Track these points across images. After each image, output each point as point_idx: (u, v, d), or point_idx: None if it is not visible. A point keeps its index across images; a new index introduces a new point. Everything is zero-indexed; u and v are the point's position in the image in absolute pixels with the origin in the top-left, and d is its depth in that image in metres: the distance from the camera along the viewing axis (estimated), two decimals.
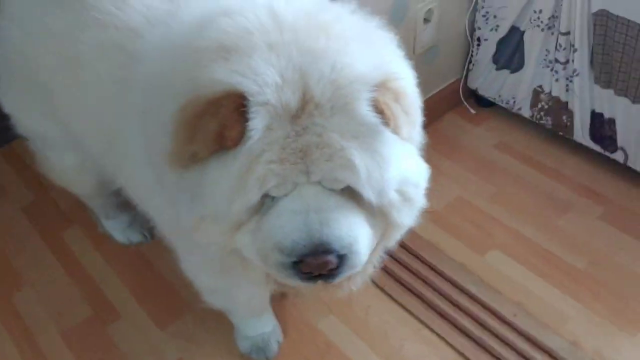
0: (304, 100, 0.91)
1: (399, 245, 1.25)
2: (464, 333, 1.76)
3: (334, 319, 1.85)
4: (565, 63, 2.09)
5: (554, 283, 1.90)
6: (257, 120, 0.89)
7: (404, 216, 1.04)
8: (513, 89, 2.35)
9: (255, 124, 0.89)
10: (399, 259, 1.95)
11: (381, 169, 0.95)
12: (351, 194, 0.97)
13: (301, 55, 0.93)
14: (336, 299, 1.89)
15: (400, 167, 0.99)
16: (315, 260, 0.95)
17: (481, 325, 1.78)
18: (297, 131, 0.91)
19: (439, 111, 2.51)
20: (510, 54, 2.28)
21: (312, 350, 1.77)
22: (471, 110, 2.55)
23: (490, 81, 2.42)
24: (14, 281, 2.01)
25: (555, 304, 1.84)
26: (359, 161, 0.92)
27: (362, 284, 1.25)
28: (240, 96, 0.89)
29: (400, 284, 1.91)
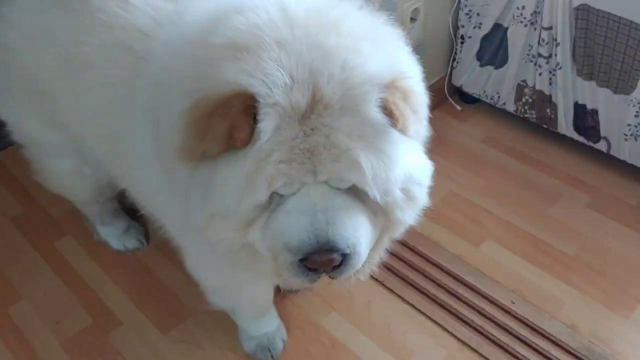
0: (314, 101, 0.92)
1: (395, 240, 1.27)
2: (465, 322, 1.80)
3: (336, 315, 1.87)
4: (549, 57, 2.15)
5: (548, 270, 1.96)
6: (267, 121, 0.90)
7: (406, 215, 1.06)
8: (497, 85, 2.41)
9: (265, 125, 0.90)
10: (397, 253, 1.97)
11: (387, 169, 0.96)
12: (356, 193, 0.99)
13: (311, 52, 0.94)
14: (337, 295, 1.92)
15: (406, 166, 1.01)
16: (321, 258, 0.98)
17: (481, 314, 1.82)
18: (306, 131, 0.93)
19: None
20: (494, 50, 2.34)
21: (317, 348, 1.78)
22: (457, 106, 2.60)
23: (475, 78, 2.48)
24: (8, 293, 1.97)
25: (551, 290, 1.89)
26: (366, 162, 0.94)
27: (368, 275, 1.27)
28: (249, 97, 0.90)
29: (399, 277, 1.94)
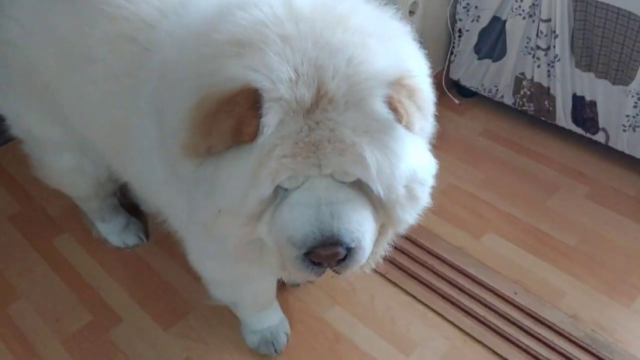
0: (319, 95, 0.91)
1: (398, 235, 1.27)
2: (468, 313, 1.80)
3: (339, 309, 1.86)
4: (547, 49, 2.16)
5: (549, 261, 1.96)
6: (270, 115, 0.90)
7: (406, 214, 1.05)
8: (495, 78, 2.42)
9: (268, 119, 0.90)
10: (398, 246, 1.95)
11: (392, 164, 0.96)
12: (360, 187, 0.99)
13: (317, 48, 0.93)
14: (340, 289, 1.91)
15: (410, 163, 1.00)
16: (325, 251, 0.97)
17: (483, 304, 1.82)
18: (310, 125, 0.92)
19: None
20: (492, 43, 2.34)
21: (321, 341, 1.78)
22: (455, 100, 2.60)
23: (472, 71, 2.48)
24: (7, 292, 1.94)
25: (552, 281, 1.90)
26: (370, 156, 0.93)
27: (373, 268, 1.26)
28: (254, 92, 0.90)
29: (401, 270, 1.94)
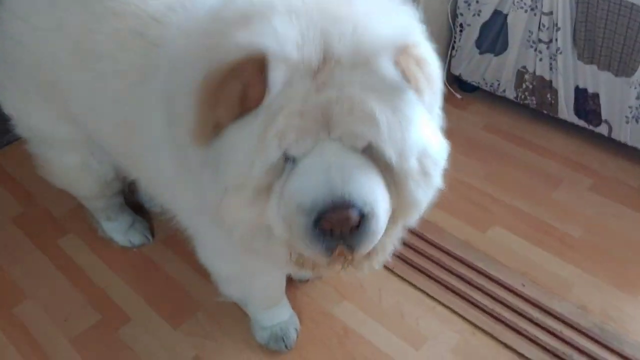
0: (325, 58, 0.91)
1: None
2: (477, 306, 1.81)
3: (347, 304, 1.86)
4: (549, 42, 2.17)
5: (555, 253, 1.97)
6: (276, 73, 0.89)
7: (420, 191, 1.02)
8: (497, 72, 2.42)
9: (275, 76, 0.89)
10: (405, 241, 1.96)
11: (402, 127, 0.94)
12: (372, 157, 0.96)
13: (322, 18, 0.93)
14: (347, 284, 1.91)
15: (422, 134, 0.98)
16: (336, 214, 0.92)
17: (492, 297, 1.83)
18: (318, 86, 0.91)
19: None
20: (493, 37, 2.35)
21: (331, 337, 1.78)
22: (457, 95, 2.61)
23: (474, 66, 2.49)
24: (13, 293, 1.94)
25: (559, 273, 1.91)
26: (380, 115, 0.91)
27: (382, 264, 1.24)
28: (260, 57, 0.89)
29: (408, 264, 1.94)
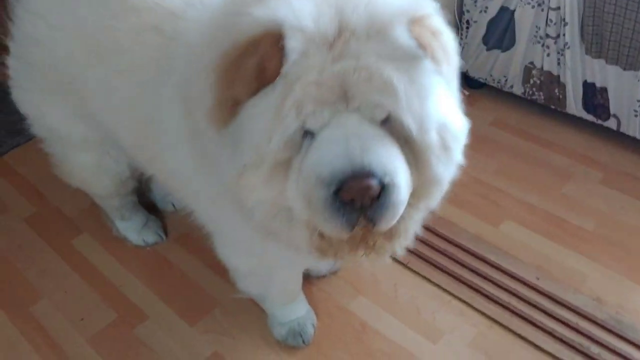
0: (340, 29, 0.92)
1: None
2: (493, 300, 1.81)
3: (363, 299, 1.87)
4: (556, 37, 2.18)
5: (568, 246, 1.98)
6: (293, 42, 0.90)
7: (441, 166, 1.01)
8: (504, 68, 2.44)
9: (292, 45, 0.90)
10: (419, 237, 1.97)
11: (421, 97, 0.94)
12: (391, 131, 0.96)
13: None
14: (362, 280, 1.92)
15: (441, 107, 0.97)
16: (356, 183, 0.91)
17: (507, 290, 1.83)
18: (334, 57, 0.92)
19: None
20: (500, 33, 2.36)
21: (348, 332, 1.78)
22: (464, 91, 2.61)
23: (481, 62, 2.50)
24: (29, 292, 1.94)
25: (572, 265, 1.92)
26: (398, 83, 0.91)
27: (404, 249, 1.22)
28: (278, 32, 0.90)
29: (423, 259, 1.95)
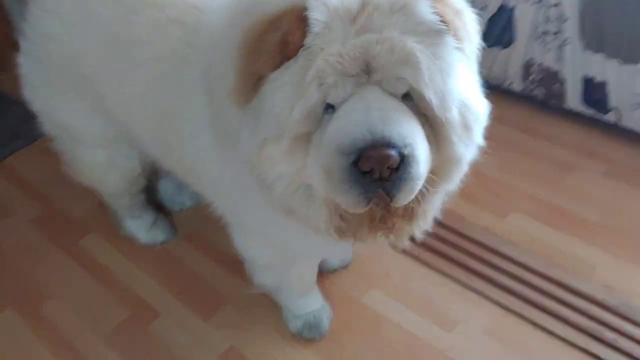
0: (364, 3, 0.94)
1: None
2: (504, 289, 1.83)
3: (376, 292, 1.88)
4: (556, 33, 2.23)
5: (575, 236, 2.01)
6: (317, 14, 0.92)
7: (462, 145, 1.02)
8: (504, 65, 2.48)
9: (315, 17, 0.91)
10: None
11: (443, 72, 0.95)
12: (412, 107, 0.97)
13: None
14: (373, 273, 1.93)
15: (463, 85, 0.98)
16: (376, 152, 0.90)
17: (519, 280, 1.86)
18: (357, 30, 0.93)
19: None
20: (500, 31, 2.40)
21: (364, 324, 1.79)
22: None
23: (481, 60, 2.53)
24: (40, 292, 1.93)
25: (581, 255, 1.95)
26: (421, 56, 0.92)
27: (422, 232, 1.22)
28: (301, 7, 0.92)
29: (433, 251, 1.96)
